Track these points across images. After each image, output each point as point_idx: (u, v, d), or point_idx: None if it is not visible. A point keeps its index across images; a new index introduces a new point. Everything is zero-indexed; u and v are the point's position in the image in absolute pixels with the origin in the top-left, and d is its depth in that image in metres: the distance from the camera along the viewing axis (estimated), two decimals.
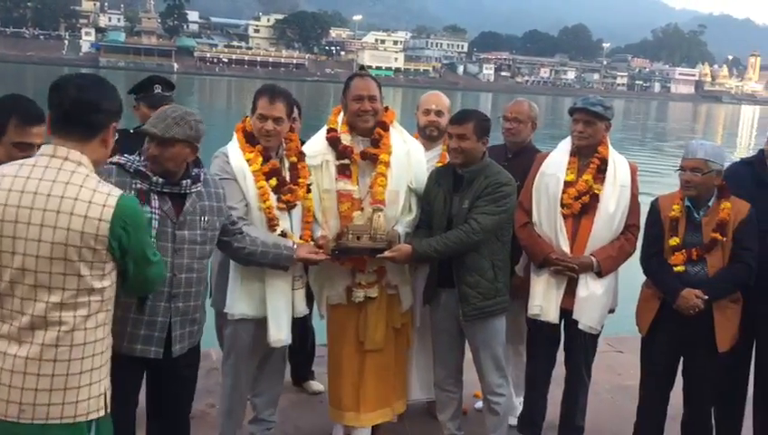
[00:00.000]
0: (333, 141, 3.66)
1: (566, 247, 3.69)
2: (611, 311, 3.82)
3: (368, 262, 3.62)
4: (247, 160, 3.38)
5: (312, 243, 3.50)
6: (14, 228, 2.04)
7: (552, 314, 3.71)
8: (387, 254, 3.44)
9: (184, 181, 2.85)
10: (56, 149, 2.12)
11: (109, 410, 2.23)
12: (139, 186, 2.77)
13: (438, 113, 4.09)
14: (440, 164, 3.93)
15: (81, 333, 2.11)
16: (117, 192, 2.14)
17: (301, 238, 3.50)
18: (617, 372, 5.14)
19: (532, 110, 4.30)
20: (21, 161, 2.16)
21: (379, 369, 3.75)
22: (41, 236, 2.03)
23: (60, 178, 2.07)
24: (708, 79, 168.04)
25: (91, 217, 2.05)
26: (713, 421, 3.81)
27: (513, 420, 4.06)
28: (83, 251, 2.05)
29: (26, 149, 2.64)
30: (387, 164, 3.62)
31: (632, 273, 3.89)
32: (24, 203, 2.04)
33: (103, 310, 2.18)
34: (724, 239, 3.49)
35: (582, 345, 3.79)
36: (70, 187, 2.06)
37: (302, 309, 3.57)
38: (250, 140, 3.43)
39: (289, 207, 3.45)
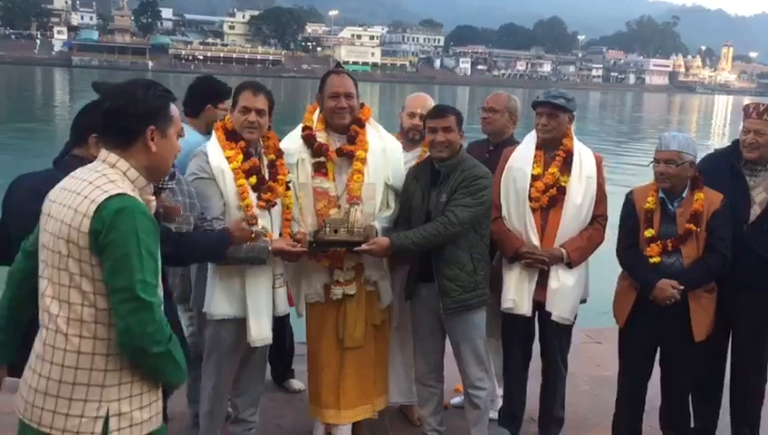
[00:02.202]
0: (309, 139, 3.64)
1: (536, 240, 3.72)
2: (583, 301, 3.86)
3: (345, 258, 3.61)
4: (227, 158, 3.35)
5: (289, 238, 3.49)
6: (46, 221, 2.10)
7: (524, 307, 3.74)
8: (364, 247, 3.43)
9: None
10: (101, 152, 2.15)
11: None
12: None
13: (423, 117, 4.07)
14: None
15: (75, 339, 2.02)
16: (116, 190, 2.01)
17: (280, 235, 3.48)
18: (596, 363, 5.18)
19: (509, 100, 4.29)
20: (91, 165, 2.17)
21: (359, 366, 3.74)
22: (52, 229, 2.06)
23: (88, 178, 2.07)
24: (682, 70, 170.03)
25: (79, 211, 2.00)
26: (690, 409, 3.87)
27: (495, 414, 4.08)
28: (71, 246, 2.00)
29: None
30: (363, 161, 3.61)
31: (609, 265, 3.92)
32: (58, 199, 2.08)
33: (100, 322, 2.02)
34: (699, 230, 3.52)
35: (557, 337, 3.83)
36: (86, 185, 2.04)
37: (283, 308, 3.55)
38: (231, 136, 3.40)
39: (269, 205, 3.43)
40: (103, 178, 2.05)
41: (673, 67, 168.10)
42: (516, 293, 3.75)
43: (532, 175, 3.76)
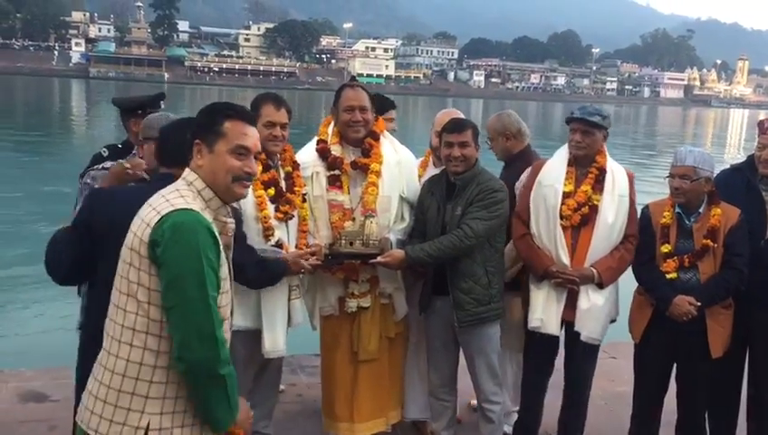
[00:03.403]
0: (323, 152, 3.66)
1: (566, 260, 3.61)
2: (613, 321, 3.76)
3: (360, 271, 3.61)
4: None
5: (304, 250, 3.49)
6: (127, 235, 2.13)
7: (552, 327, 3.65)
8: (379, 259, 3.43)
9: None
10: (185, 170, 2.22)
11: None
12: None
13: None
14: None
15: (126, 347, 2.05)
16: (181, 205, 2.04)
17: (296, 247, 3.49)
18: (610, 378, 5.14)
19: (496, 123, 4.24)
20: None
21: (373, 379, 3.73)
22: (126, 240, 2.11)
23: (165, 193, 2.12)
24: (697, 83, 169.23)
25: (145, 220, 2.05)
26: (707, 426, 3.82)
27: (509, 428, 4.05)
28: (133, 254, 2.05)
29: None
30: (378, 173, 3.62)
31: (624, 279, 3.88)
32: (140, 213, 2.14)
33: (152, 333, 2.03)
34: (716, 246, 3.49)
35: (583, 357, 3.73)
36: (158, 197, 2.11)
37: (299, 320, 3.56)
38: None
39: (286, 217, 3.45)
40: (176, 192, 2.11)
41: (688, 80, 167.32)
42: (544, 312, 3.66)
43: (564, 192, 3.65)
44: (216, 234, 2.09)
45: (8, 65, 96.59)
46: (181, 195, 2.09)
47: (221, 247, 2.10)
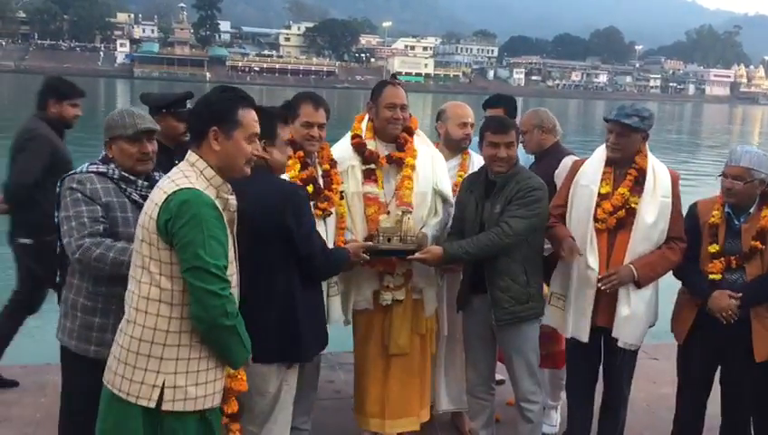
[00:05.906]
0: (359, 147, 3.71)
1: (595, 264, 3.48)
2: (651, 325, 3.64)
3: (397, 264, 3.63)
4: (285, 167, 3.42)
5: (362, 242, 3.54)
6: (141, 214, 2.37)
7: (582, 333, 3.56)
8: (417, 255, 3.44)
9: None
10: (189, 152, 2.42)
11: (172, 409, 2.28)
12: (128, 192, 2.92)
13: (472, 126, 4.12)
14: (461, 173, 3.94)
15: (142, 314, 2.28)
16: (185, 185, 2.26)
17: (334, 244, 3.53)
18: (652, 379, 5.06)
19: (534, 117, 4.26)
20: None
21: (404, 374, 3.75)
22: (140, 218, 2.36)
23: (171, 175, 2.35)
24: (744, 80, 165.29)
25: (153, 200, 2.29)
26: (751, 432, 3.73)
27: (548, 428, 4.01)
28: (144, 231, 2.29)
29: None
30: (412, 167, 3.67)
31: (666, 280, 3.80)
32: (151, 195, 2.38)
33: (164, 301, 2.27)
34: (764, 248, 3.37)
35: (622, 362, 3.63)
36: (165, 179, 2.35)
37: (337, 316, 3.59)
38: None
39: (325, 214, 3.49)
40: (180, 173, 2.32)
41: (734, 77, 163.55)
42: (574, 316, 3.58)
43: (600, 193, 3.52)
44: (220, 209, 2.31)
45: (56, 66, 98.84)
46: (185, 175, 2.31)
47: (225, 221, 2.32)
